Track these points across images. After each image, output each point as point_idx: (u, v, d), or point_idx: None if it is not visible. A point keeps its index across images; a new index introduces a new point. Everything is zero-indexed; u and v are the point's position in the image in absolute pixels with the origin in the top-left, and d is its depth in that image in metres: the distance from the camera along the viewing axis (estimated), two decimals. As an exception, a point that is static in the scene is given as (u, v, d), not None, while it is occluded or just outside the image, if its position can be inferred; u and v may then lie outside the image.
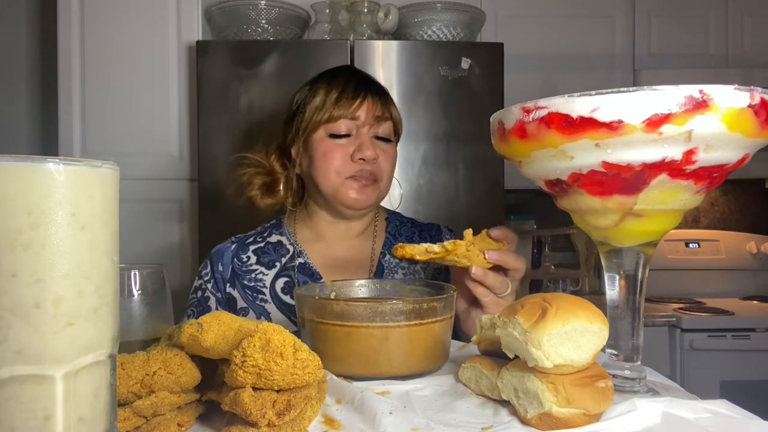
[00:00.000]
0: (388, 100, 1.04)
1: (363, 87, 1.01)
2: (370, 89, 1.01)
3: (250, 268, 1.04)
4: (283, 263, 1.04)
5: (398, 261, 1.03)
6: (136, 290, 0.59)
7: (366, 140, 0.98)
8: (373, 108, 1.00)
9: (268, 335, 0.43)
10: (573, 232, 2.39)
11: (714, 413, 0.48)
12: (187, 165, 1.99)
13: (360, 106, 0.99)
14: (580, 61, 2.27)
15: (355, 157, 0.97)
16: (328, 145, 0.99)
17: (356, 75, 1.04)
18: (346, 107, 0.98)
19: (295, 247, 1.06)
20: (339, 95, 0.99)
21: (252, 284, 1.02)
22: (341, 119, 0.98)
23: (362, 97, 0.99)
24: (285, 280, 1.02)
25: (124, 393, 0.45)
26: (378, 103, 1.01)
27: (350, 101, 0.98)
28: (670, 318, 2.00)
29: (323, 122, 0.98)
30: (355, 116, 0.98)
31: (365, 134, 0.99)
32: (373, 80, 1.06)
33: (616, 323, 0.56)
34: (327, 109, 0.98)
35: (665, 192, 0.50)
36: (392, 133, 1.04)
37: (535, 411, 0.47)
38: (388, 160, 1.02)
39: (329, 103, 0.98)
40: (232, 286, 1.03)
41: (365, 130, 0.99)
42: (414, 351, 0.61)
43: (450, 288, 0.69)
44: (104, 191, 0.35)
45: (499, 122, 0.55)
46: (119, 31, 1.97)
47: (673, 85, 0.45)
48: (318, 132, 1.00)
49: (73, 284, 0.33)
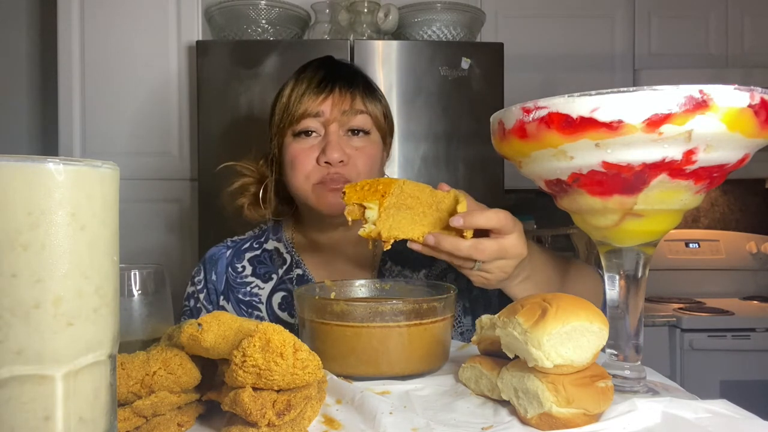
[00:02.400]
0: (363, 91, 0.92)
1: (329, 79, 0.90)
2: (339, 81, 0.90)
3: (245, 280, 0.98)
4: (280, 275, 0.98)
5: (400, 269, 0.97)
6: (136, 290, 0.59)
7: (332, 140, 0.87)
8: (341, 101, 0.89)
9: (268, 335, 0.43)
10: (573, 232, 2.39)
11: (714, 413, 0.48)
12: (187, 165, 1.99)
13: (324, 101, 0.88)
14: (580, 61, 2.27)
15: (321, 159, 0.88)
16: (295, 149, 0.90)
17: (326, 66, 0.94)
18: (308, 103, 0.88)
19: (293, 257, 0.99)
20: (303, 92, 0.89)
21: (247, 299, 0.97)
22: (304, 118, 0.89)
23: (328, 90, 0.89)
24: (282, 294, 0.96)
25: (124, 393, 0.45)
26: (347, 95, 0.90)
27: (313, 96, 0.88)
28: (670, 318, 2.00)
29: (288, 124, 0.90)
30: (319, 112, 0.88)
31: (333, 133, 0.88)
32: (345, 71, 0.94)
33: (616, 323, 0.56)
34: (291, 108, 0.89)
35: (665, 192, 0.50)
36: (370, 124, 0.92)
37: (535, 411, 0.47)
38: (364, 157, 0.90)
39: (294, 102, 0.89)
40: (225, 299, 0.97)
41: (333, 128, 0.88)
42: (414, 351, 0.61)
43: (450, 288, 0.69)
44: (104, 191, 0.35)
45: (499, 122, 0.55)
46: (119, 31, 1.97)
47: (673, 85, 0.45)
48: (287, 135, 0.91)
49: (73, 284, 0.33)
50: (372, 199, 0.69)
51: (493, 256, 0.67)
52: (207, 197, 1.81)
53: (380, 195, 0.69)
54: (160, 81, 1.98)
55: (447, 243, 0.66)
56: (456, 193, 0.70)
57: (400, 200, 0.69)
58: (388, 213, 0.69)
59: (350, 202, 0.70)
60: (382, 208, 0.69)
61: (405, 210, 0.69)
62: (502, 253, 0.67)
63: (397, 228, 0.68)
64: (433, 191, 0.71)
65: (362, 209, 0.70)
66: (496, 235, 0.67)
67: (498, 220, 0.66)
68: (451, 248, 0.66)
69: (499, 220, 0.66)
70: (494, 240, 0.67)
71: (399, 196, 0.69)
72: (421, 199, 0.70)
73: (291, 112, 0.89)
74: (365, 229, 0.69)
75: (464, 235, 0.66)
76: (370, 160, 0.91)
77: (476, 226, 0.66)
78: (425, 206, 0.70)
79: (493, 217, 0.66)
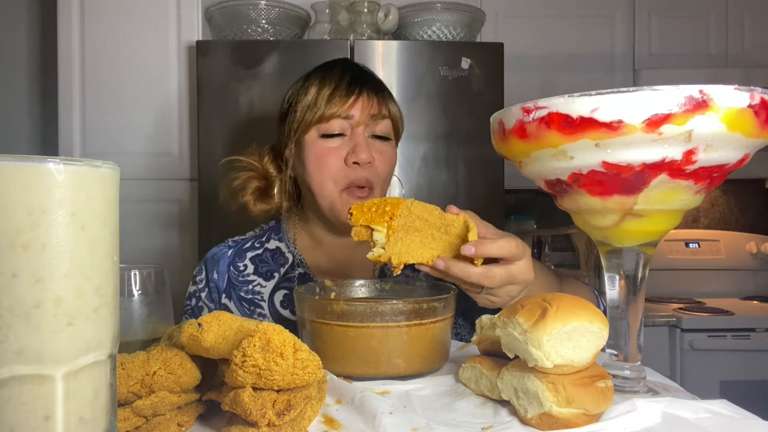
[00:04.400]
0: (387, 96, 0.95)
1: (358, 83, 0.92)
2: (367, 85, 0.92)
3: (247, 279, 0.98)
4: (282, 273, 0.98)
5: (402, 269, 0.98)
6: (136, 290, 0.59)
7: (361, 141, 0.90)
8: (369, 105, 0.91)
9: (268, 335, 0.43)
10: (573, 232, 2.39)
11: (714, 413, 0.48)
12: (187, 165, 1.99)
13: (354, 104, 0.90)
14: (580, 61, 2.27)
15: (349, 160, 0.89)
16: (321, 148, 0.91)
17: (352, 69, 0.95)
18: (338, 105, 0.90)
19: (295, 256, 1.00)
20: (332, 92, 0.90)
21: (249, 296, 0.97)
22: (333, 118, 0.90)
23: (357, 93, 0.90)
24: (284, 293, 0.96)
25: (124, 393, 0.45)
26: (375, 99, 0.92)
27: (344, 99, 0.90)
28: (670, 318, 2.00)
29: (315, 122, 0.90)
30: (349, 115, 0.90)
31: (360, 135, 0.91)
32: (370, 74, 0.97)
33: (616, 323, 0.56)
34: (319, 107, 0.90)
35: (665, 192, 0.50)
36: (391, 131, 0.96)
37: (535, 411, 0.47)
38: (385, 162, 0.93)
39: (321, 101, 0.90)
40: (227, 297, 0.97)
41: (360, 130, 0.91)
42: (414, 351, 0.61)
43: (450, 288, 0.69)
44: (104, 191, 0.35)
45: (499, 122, 0.55)
46: (119, 31, 1.97)
47: (673, 85, 0.45)
48: (310, 133, 0.92)
49: (73, 284, 0.33)
50: (380, 221, 0.68)
51: (503, 282, 0.67)
52: (207, 197, 1.81)
53: (388, 216, 0.69)
54: (160, 81, 1.98)
55: (457, 269, 0.66)
56: (465, 218, 0.69)
57: (408, 222, 0.69)
58: (397, 236, 0.68)
59: (357, 223, 0.69)
60: (390, 230, 0.68)
61: (413, 233, 0.69)
62: (511, 280, 0.68)
63: (407, 253, 0.68)
64: (442, 213, 0.70)
65: (370, 231, 0.69)
66: (505, 262, 0.67)
67: (509, 249, 0.66)
68: (461, 275, 0.67)
69: (510, 248, 0.66)
70: (504, 267, 0.67)
71: (407, 218, 0.69)
72: (429, 221, 0.69)
73: (319, 111, 0.90)
74: (374, 253, 0.68)
75: (474, 263, 0.66)
76: (390, 166, 0.95)
77: (487, 255, 0.66)
78: (434, 229, 0.69)
79: (504, 246, 0.66)
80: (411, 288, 0.77)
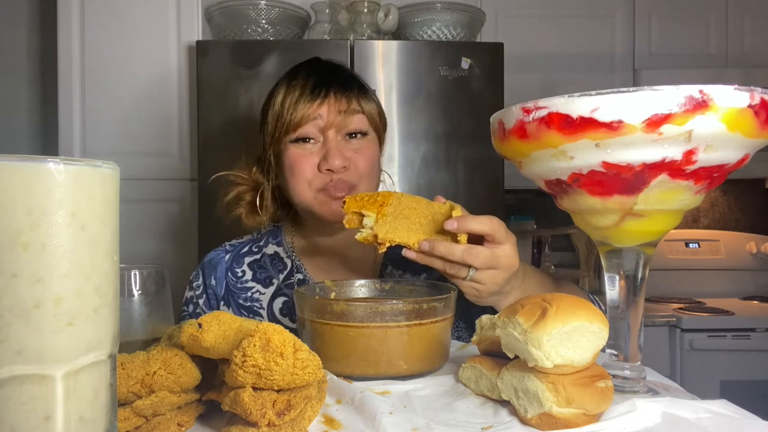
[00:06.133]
0: (357, 91, 0.92)
1: (324, 84, 0.89)
2: (333, 85, 0.90)
3: (245, 285, 0.97)
4: (281, 279, 0.97)
5: (401, 273, 0.97)
6: (136, 290, 0.59)
7: (332, 147, 0.87)
8: (337, 104, 0.88)
9: (269, 335, 0.43)
10: (573, 232, 2.39)
11: (714, 413, 0.48)
12: (187, 165, 1.99)
13: (320, 107, 0.88)
14: (580, 61, 2.27)
15: (322, 167, 0.88)
16: (294, 156, 0.89)
17: (317, 71, 0.93)
18: (304, 110, 0.88)
19: (293, 261, 0.99)
20: (297, 99, 0.88)
21: (248, 304, 0.96)
22: (302, 125, 0.88)
23: (323, 96, 0.88)
24: (283, 299, 0.96)
25: (124, 393, 0.45)
26: (343, 98, 0.89)
27: (308, 104, 0.88)
28: (670, 318, 2.00)
29: (284, 131, 0.89)
30: (318, 118, 0.88)
31: (332, 139, 0.88)
32: (338, 72, 0.94)
33: (616, 323, 0.56)
34: (286, 116, 0.88)
35: (665, 192, 0.50)
36: (367, 125, 0.92)
37: (535, 411, 0.47)
38: (364, 158, 0.90)
39: (288, 110, 0.88)
40: (226, 304, 0.96)
41: (332, 134, 0.89)
42: (414, 351, 0.61)
43: (450, 288, 0.69)
44: (104, 191, 0.35)
45: (499, 122, 0.55)
46: (119, 31, 1.97)
47: (673, 85, 0.45)
48: (283, 141, 0.90)
49: (74, 284, 0.33)
50: (371, 208, 0.72)
51: (486, 262, 0.68)
52: (207, 197, 1.81)
53: (379, 205, 0.72)
54: (160, 81, 1.98)
55: (441, 247, 0.68)
56: (452, 204, 0.72)
57: (397, 210, 0.72)
58: (386, 220, 0.71)
59: (349, 211, 0.72)
60: (380, 215, 0.72)
61: (402, 219, 0.72)
62: (495, 262, 0.69)
63: (393, 233, 0.70)
64: (429, 203, 0.74)
65: (361, 218, 0.72)
66: (489, 243, 0.69)
67: (491, 225, 0.68)
68: (445, 252, 0.68)
69: (492, 225, 0.68)
70: (487, 247, 0.69)
71: (397, 207, 0.72)
72: (417, 210, 0.73)
73: (286, 119, 0.88)
74: (362, 233, 0.72)
75: (458, 240, 0.68)
76: (370, 161, 0.92)
77: (469, 229, 0.68)
78: (422, 216, 0.73)
79: (486, 221, 0.68)
80: (411, 288, 0.77)
